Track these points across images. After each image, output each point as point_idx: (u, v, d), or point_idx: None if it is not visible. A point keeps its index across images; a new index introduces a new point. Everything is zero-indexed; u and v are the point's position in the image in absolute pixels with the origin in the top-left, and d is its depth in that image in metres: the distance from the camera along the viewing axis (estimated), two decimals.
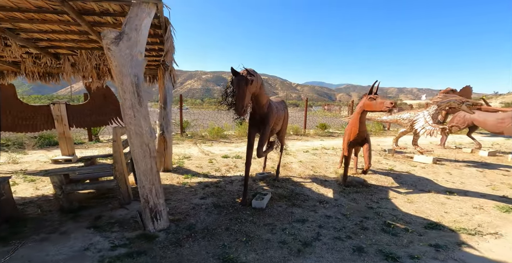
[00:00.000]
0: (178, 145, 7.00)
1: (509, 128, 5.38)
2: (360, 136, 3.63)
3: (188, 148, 6.69)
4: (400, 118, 5.87)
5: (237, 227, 2.43)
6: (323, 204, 3.09)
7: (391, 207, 2.99)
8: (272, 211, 2.83)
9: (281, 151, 4.20)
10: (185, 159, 5.25)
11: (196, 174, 4.17)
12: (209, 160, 5.18)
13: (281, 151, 4.20)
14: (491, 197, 3.24)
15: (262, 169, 4.44)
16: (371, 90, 3.42)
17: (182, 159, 5.21)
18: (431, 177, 4.22)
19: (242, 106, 2.23)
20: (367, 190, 3.61)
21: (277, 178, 4.01)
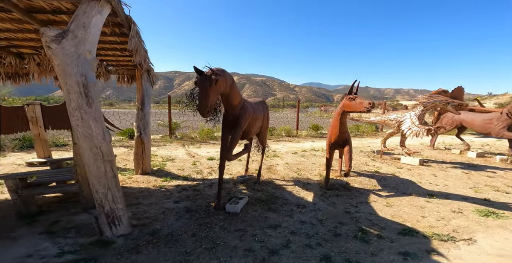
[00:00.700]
0: (165, 147, 6.88)
1: (496, 129, 5.34)
2: (341, 138, 3.56)
3: (175, 149, 6.58)
4: (387, 119, 5.82)
5: (205, 233, 2.33)
6: (301, 208, 3.00)
7: (369, 211, 2.91)
8: (246, 216, 2.74)
9: (263, 153, 4.11)
10: (169, 161, 5.14)
11: (176, 177, 4.07)
12: (193, 162, 5.07)
13: (263, 153, 4.12)
14: (473, 200, 3.17)
15: (244, 172, 4.35)
16: (350, 90, 3.34)
17: (165, 161, 5.10)
18: (415, 179, 4.16)
19: (206, 107, 2.14)
20: (348, 193, 3.53)
21: (258, 180, 3.92)
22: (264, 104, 3.75)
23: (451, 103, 4.80)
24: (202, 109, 2.14)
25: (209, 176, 4.24)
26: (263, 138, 3.91)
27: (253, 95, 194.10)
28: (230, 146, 2.63)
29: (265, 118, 3.70)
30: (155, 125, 8.97)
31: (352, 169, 4.97)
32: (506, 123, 5.19)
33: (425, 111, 5.15)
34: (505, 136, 5.21)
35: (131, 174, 4.03)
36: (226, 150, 2.58)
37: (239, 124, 2.70)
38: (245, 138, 3.21)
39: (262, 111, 3.55)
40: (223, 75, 2.32)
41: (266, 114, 3.75)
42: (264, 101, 3.81)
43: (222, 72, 2.33)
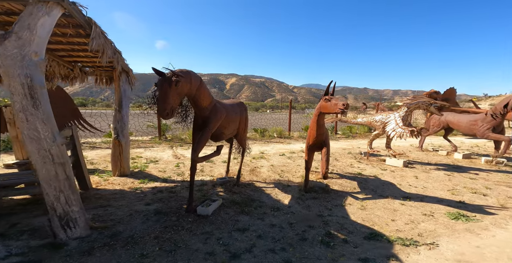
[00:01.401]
0: (153, 148, 6.85)
1: (481, 130, 5.32)
2: (319, 139, 3.53)
3: (162, 151, 6.54)
4: (373, 120, 5.80)
5: (169, 235, 2.31)
6: (275, 211, 2.97)
7: (342, 214, 2.88)
8: (217, 219, 2.71)
9: (242, 155, 4.09)
10: (152, 163, 5.10)
11: (155, 179, 4.04)
12: (177, 164, 5.04)
13: (243, 155, 4.09)
14: (447, 203, 3.15)
15: (225, 173, 4.32)
16: (326, 91, 3.31)
17: (148, 163, 5.07)
18: (396, 181, 4.13)
19: (164, 109, 2.11)
20: (326, 196, 3.50)
21: (238, 183, 3.89)
22: (242, 106, 3.72)
23: (434, 105, 4.79)
24: (161, 111, 2.12)
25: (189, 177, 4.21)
26: (242, 140, 3.89)
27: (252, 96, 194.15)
28: (196, 147, 2.60)
29: (243, 120, 3.67)
30: (144, 126, 8.94)
31: (336, 170, 4.98)
32: (491, 125, 5.18)
33: (409, 112, 5.14)
34: (489, 137, 5.20)
35: (108, 176, 3.99)
36: (192, 151, 2.55)
37: (207, 126, 2.67)
38: (219, 139, 3.19)
39: (239, 113, 3.52)
40: (187, 76, 2.29)
41: (244, 116, 3.73)
42: (242, 103, 3.78)
43: (186, 73, 2.30)
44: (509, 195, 3.40)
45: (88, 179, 3.29)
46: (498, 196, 3.36)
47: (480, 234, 2.30)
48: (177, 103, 2.25)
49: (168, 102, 2.11)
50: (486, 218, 2.67)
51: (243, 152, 4.07)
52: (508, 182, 4.08)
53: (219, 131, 2.98)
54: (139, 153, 6.20)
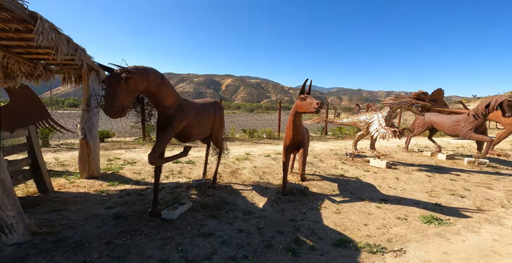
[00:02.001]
0: (134, 150, 6.63)
1: (463, 131, 5.31)
2: (295, 140, 3.41)
3: (143, 152, 6.34)
4: (357, 121, 5.74)
5: (123, 240, 2.17)
6: (246, 215, 2.85)
7: (315, 219, 2.77)
8: (182, 223, 2.57)
9: (219, 156, 3.94)
10: (129, 164, 4.91)
11: (127, 181, 3.86)
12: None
13: (219, 156, 3.94)
14: (423, 205, 3.07)
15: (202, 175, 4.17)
16: (302, 89, 3.20)
17: (124, 165, 4.87)
18: (377, 183, 4.05)
19: (112, 107, 1.96)
20: (303, 198, 3.38)
21: (213, 185, 3.74)
22: (216, 105, 3.58)
23: (415, 105, 4.75)
24: (107, 110, 1.97)
25: (165, 179, 4.05)
26: (217, 141, 3.75)
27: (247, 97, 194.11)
28: (155, 148, 2.42)
29: (217, 120, 3.53)
30: (127, 127, 8.70)
31: (319, 172, 4.88)
32: (473, 125, 5.17)
33: (392, 112, 5.09)
34: (472, 138, 5.18)
35: (76, 178, 3.80)
36: (151, 152, 2.38)
37: (170, 125, 2.52)
38: (188, 140, 3.03)
39: (212, 112, 3.38)
40: (142, 73, 2.14)
41: (219, 116, 3.59)
42: (217, 102, 3.64)
43: (141, 70, 2.15)
44: (487, 197, 3.35)
45: (48, 182, 3.10)
46: (475, 198, 3.31)
47: (450, 239, 2.21)
48: (129, 101, 2.10)
49: (116, 100, 1.96)
50: (460, 221, 2.60)
51: (219, 153, 3.93)
52: (488, 183, 4.05)
53: (186, 131, 2.83)
54: (119, 154, 5.98)
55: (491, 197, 3.34)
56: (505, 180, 4.25)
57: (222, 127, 3.74)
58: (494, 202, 3.17)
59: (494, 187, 3.86)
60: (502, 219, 2.64)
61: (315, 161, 5.81)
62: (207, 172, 4.18)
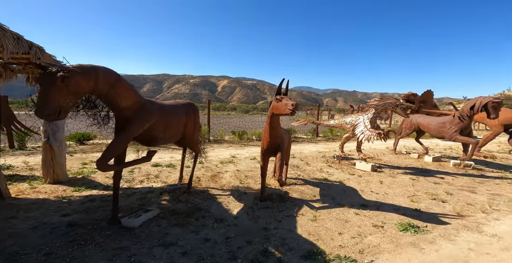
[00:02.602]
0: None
1: (449, 133, 5.24)
2: (273, 143, 3.25)
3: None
4: (344, 122, 5.64)
5: (68, 251, 1.99)
6: (217, 223, 2.68)
7: (289, 227, 2.62)
8: (143, 232, 2.40)
9: (195, 160, 3.76)
10: None
11: (95, 186, 3.64)
12: (131, 169, 4.64)
13: (195, 160, 3.76)
14: (402, 211, 2.95)
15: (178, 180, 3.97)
16: (278, 90, 3.05)
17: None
18: (360, 187, 3.92)
19: (44, 109, 1.78)
20: (281, 205, 3.23)
21: (188, 190, 3.56)
22: (190, 107, 3.40)
23: (400, 106, 4.66)
24: (40, 112, 1.78)
25: (138, 184, 3.85)
26: (192, 144, 3.56)
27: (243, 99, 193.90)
28: (106, 153, 2.20)
29: (190, 122, 3.35)
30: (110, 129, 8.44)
31: (303, 176, 4.73)
32: (459, 127, 5.11)
33: (377, 114, 5.00)
34: (457, 140, 5.12)
35: (40, 183, 3.57)
36: (100, 157, 2.18)
37: (126, 129, 2.33)
38: (154, 144, 2.84)
39: (184, 115, 3.21)
40: (87, 73, 1.95)
41: (193, 118, 3.40)
42: (191, 104, 3.46)
43: (87, 69, 1.96)
44: (469, 202, 3.25)
45: (3, 188, 2.87)
46: (457, 203, 3.20)
47: (424, 249, 2.08)
48: (69, 102, 1.90)
49: (48, 102, 1.77)
50: (437, 228, 2.48)
51: (195, 156, 3.75)
52: (472, 187, 3.96)
53: (151, 135, 2.64)
54: (97, 157, 5.73)
55: (473, 202, 3.25)
56: (489, 183, 4.18)
57: (197, 130, 3.57)
58: (476, 207, 3.07)
59: (477, 190, 3.77)
60: (481, 226, 2.53)
61: (301, 164, 5.67)
62: (183, 176, 4.00)
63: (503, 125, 5.88)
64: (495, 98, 4.51)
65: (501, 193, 3.64)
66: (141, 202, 3.09)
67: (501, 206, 3.08)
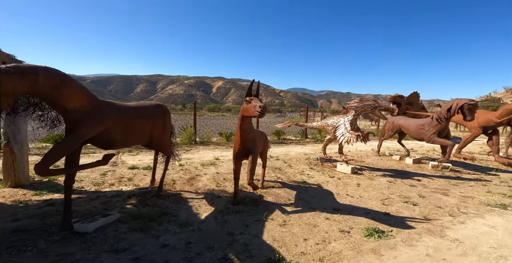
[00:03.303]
0: (94, 155, 6.20)
1: (427, 135, 5.28)
2: (245, 146, 3.17)
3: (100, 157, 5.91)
4: (326, 124, 5.62)
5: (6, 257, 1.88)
6: (182, 227, 2.60)
7: (256, 232, 2.54)
8: (97, 237, 2.30)
9: (166, 163, 3.64)
10: None
11: (59, 189, 3.50)
12: (104, 172, 4.49)
13: (166, 163, 3.64)
14: (372, 215, 2.91)
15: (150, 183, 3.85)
16: (248, 91, 2.98)
17: None
18: (337, 190, 3.88)
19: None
20: (253, 209, 3.15)
21: (158, 193, 3.44)
22: (159, 109, 3.29)
23: (378, 108, 4.67)
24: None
25: (107, 188, 3.71)
26: (161, 147, 3.46)
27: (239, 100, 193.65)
28: (46, 157, 2.06)
29: (159, 124, 3.24)
30: None
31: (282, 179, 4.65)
32: (437, 129, 5.15)
33: (357, 116, 4.99)
34: (435, 142, 5.16)
35: (1, 187, 3.39)
36: (40, 162, 2.04)
37: (74, 132, 2.20)
38: (112, 147, 2.73)
39: (150, 117, 3.10)
40: (25, 73, 1.83)
41: (162, 120, 3.29)
42: (159, 106, 3.34)
43: (24, 69, 1.84)
44: (439, 204, 3.25)
45: None
46: (427, 206, 3.19)
47: (383, 256, 2.04)
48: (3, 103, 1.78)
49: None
50: (401, 233, 2.45)
51: (166, 160, 3.63)
52: (446, 189, 3.98)
53: (108, 138, 2.53)
54: None
55: (443, 205, 3.24)
56: (464, 185, 4.22)
57: (167, 132, 3.46)
58: (444, 210, 3.06)
59: (450, 193, 3.79)
60: (445, 230, 2.51)
61: (284, 166, 5.61)
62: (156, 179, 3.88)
63: (481, 127, 5.97)
64: (471, 101, 4.57)
65: (473, 196, 3.66)
66: (104, 206, 2.97)
67: (470, 209, 3.09)
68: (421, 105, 10.25)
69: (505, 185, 4.28)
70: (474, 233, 2.47)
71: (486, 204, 3.28)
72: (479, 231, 2.49)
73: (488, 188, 4.07)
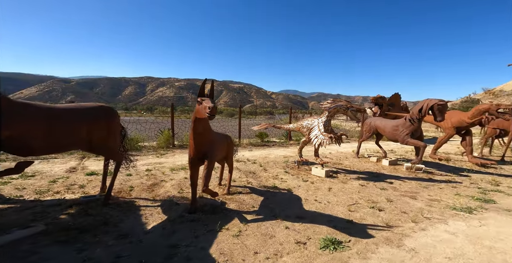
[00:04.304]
0: (55, 160, 5.74)
1: (401, 136, 5.21)
2: (199, 151, 2.91)
3: (63, 163, 5.49)
4: (301, 126, 5.45)
5: None
6: (118, 239, 2.36)
7: (204, 245, 2.30)
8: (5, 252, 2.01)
9: (115, 170, 3.32)
10: (23, 178, 4.11)
11: None
12: (55, 179, 4.11)
13: (116, 169, 3.32)
14: (335, 223, 2.72)
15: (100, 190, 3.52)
16: (200, 91, 2.75)
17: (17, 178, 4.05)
18: (306, 196, 3.68)
19: None
20: (210, 217, 2.90)
21: (106, 201, 3.12)
22: (100, 111, 2.96)
23: (350, 109, 4.55)
24: None
25: (49, 196, 3.38)
26: (106, 152, 3.16)
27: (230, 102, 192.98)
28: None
29: (100, 128, 2.92)
30: None
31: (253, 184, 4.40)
32: (410, 130, 5.09)
33: (330, 117, 4.86)
34: (409, 143, 5.09)
35: None
36: None
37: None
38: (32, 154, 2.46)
39: (88, 120, 2.82)
40: None
41: (104, 123, 2.98)
42: (101, 108, 3.01)
43: None
44: (405, 209, 3.11)
45: None
46: (393, 211, 3.04)
47: None
48: None
49: None
50: (359, 243, 2.27)
51: (116, 166, 3.32)
52: (415, 192, 3.87)
53: (24, 143, 2.23)
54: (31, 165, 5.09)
55: (409, 209, 3.11)
56: (434, 188, 4.13)
57: (113, 136, 3.15)
58: (408, 215, 2.92)
59: (419, 196, 3.68)
60: (404, 238, 2.35)
61: (259, 170, 5.37)
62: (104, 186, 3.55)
63: (455, 128, 6.00)
64: (440, 101, 4.53)
65: (441, 199, 3.56)
66: (33, 217, 2.64)
67: (435, 214, 2.96)
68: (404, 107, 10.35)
69: (474, 187, 4.23)
70: (433, 241, 2.32)
71: (452, 207, 3.18)
72: (438, 239, 2.35)
73: (457, 190, 4.00)
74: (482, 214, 3.02)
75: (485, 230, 2.60)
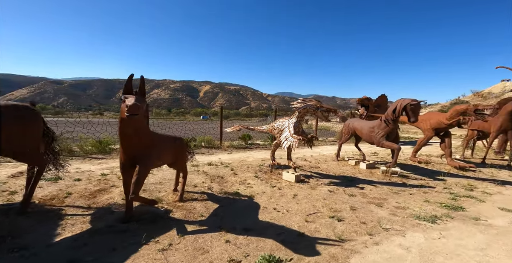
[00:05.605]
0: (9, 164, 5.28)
1: (377, 138, 4.95)
2: (129, 155, 2.53)
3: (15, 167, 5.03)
4: (272, 128, 5.15)
5: None
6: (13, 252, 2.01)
7: (114, 260, 2.00)
8: None
9: (37, 175, 2.93)
10: None
11: None
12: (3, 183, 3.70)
13: (37, 175, 2.93)
14: (284, 236, 2.40)
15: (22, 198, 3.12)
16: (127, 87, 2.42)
17: None
18: (267, 204, 3.34)
19: None
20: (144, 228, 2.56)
21: (24, 209, 2.77)
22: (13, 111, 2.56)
23: (320, 109, 4.27)
24: None
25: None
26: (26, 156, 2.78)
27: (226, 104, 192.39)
28: None
29: (16, 131, 2.54)
30: None
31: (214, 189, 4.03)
32: (385, 131, 4.83)
33: (300, 118, 4.57)
34: (384, 145, 4.83)
35: None
36: None
37: None
38: None
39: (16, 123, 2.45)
40: None
41: (22, 125, 2.60)
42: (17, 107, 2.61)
43: None
44: (365, 219, 2.79)
45: None
46: (352, 222, 2.72)
47: None
48: None
49: None
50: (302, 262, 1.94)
51: (37, 171, 2.93)
52: (384, 199, 3.58)
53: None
54: None
55: (369, 219, 2.80)
56: (404, 193, 3.85)
57: (33, 139, 2.77)
58: (367, 226, 2.61)
59: (386, 203, 3.38)
60: (351, 256, 2.02)
61: (228, 174, 5.02)
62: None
63: (434, 129, 5.79)
64: (413, 101, 4.29)
65: (407, 206, 3.27)
66: None
67: (395, 224, 2.66)
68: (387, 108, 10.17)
69: (446, 192, 3.96)
70: (382, 258, 2.00)
71: (416, 216, 2.88)
72: (388, 256, 2.03)
73: (427, 196, 3.72)
74: (446, 224, 2.74)
75: (443, 243, 2.31)
